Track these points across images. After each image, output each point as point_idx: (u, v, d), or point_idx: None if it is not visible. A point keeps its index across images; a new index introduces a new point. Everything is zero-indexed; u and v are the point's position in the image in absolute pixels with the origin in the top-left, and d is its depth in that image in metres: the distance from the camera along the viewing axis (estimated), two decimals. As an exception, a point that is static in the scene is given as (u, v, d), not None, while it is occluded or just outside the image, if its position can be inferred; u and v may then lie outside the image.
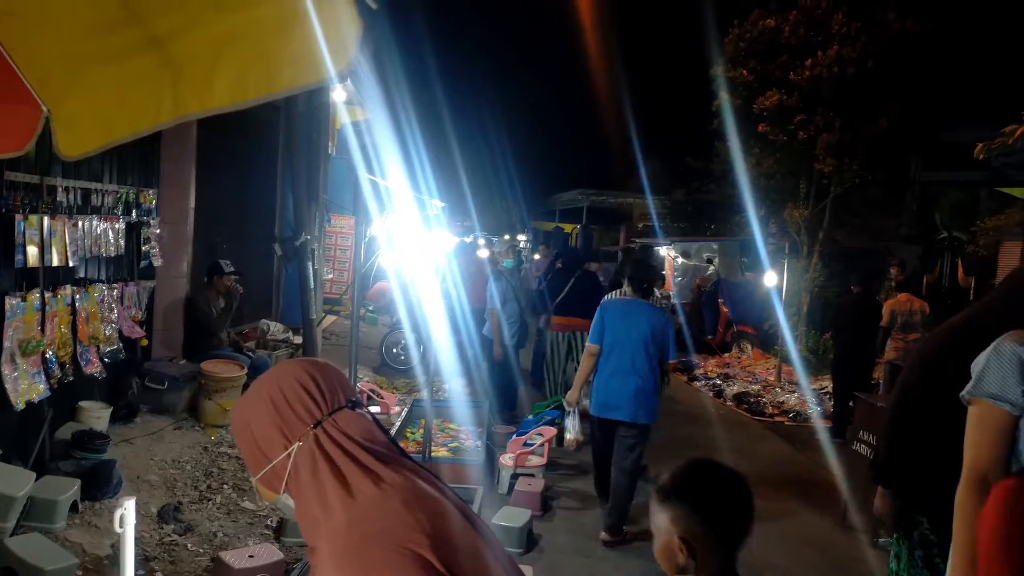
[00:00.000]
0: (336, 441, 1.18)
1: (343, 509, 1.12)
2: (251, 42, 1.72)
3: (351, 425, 1.21)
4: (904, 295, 8.19)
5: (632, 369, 4.73)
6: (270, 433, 1.21)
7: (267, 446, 1.21)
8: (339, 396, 1.24)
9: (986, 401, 1.95)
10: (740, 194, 12.14)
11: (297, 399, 1.21)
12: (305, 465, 1.17)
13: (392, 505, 1.11)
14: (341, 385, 1.27)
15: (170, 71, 1.83)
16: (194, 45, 1.79)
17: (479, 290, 8.55)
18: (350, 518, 1.10)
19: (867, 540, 5.01)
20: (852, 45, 10.53)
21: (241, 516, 4.52)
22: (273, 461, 1.20)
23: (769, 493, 6.02)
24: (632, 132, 18.95)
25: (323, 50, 1.52)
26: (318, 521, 1.14)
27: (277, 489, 1.22)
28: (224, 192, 7.51)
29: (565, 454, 6.53)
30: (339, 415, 1.22)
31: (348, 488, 1.14)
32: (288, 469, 1.19)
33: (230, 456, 5.29)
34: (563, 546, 4.72)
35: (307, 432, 1.19)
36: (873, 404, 5.19)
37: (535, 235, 28.10)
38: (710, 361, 11.94)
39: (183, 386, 5.66)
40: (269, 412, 1.21)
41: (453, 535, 1.12)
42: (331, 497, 1.14)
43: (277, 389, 1.23)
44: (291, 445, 1.19)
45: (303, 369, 1.26)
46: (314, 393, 1.22)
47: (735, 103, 11.66)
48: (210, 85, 1.78)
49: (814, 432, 7.85)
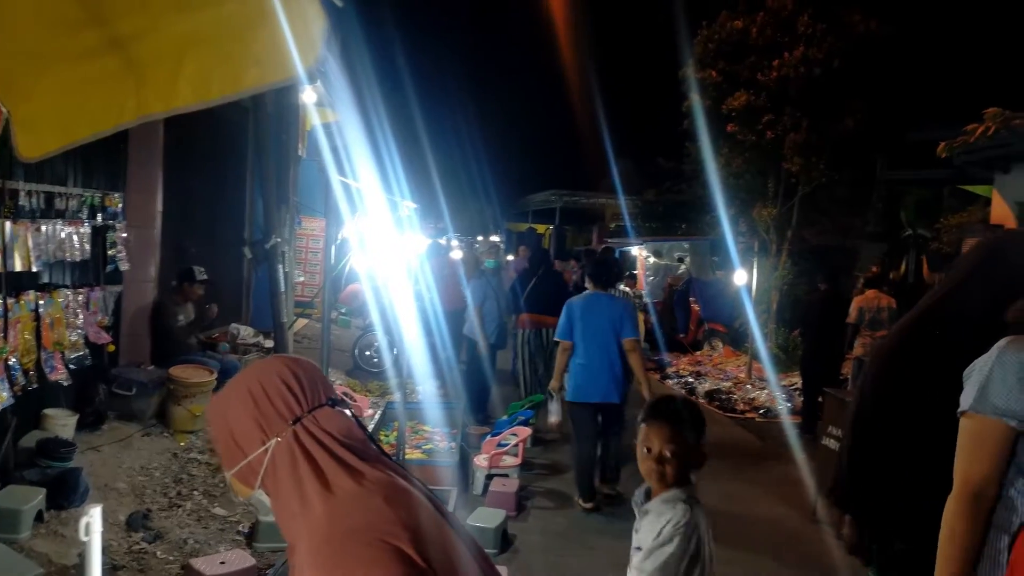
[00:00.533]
0: (316, 438, 1.17)
1: (323, 505, 1.11)
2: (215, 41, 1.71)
3: (331, 422, 1.20)
4: (872, 292, 8.32)
5: (603, 356, 5.29)
6: (248, 427, 1.19)
7: (244, 441, 1.19)
8: (320, 393, 1.23)
9: (990, 417, 1.76)
10: (710, 194, 12.27)
11: (278, 394, 1.20)
12: (284, 461, 1.16)
13: (373, 501, 1.10)
14: (322, 383, 1.26)
15: (133, 72, 1.81)
16: (157, 45, 1.77)
17: (452, 292, 8.55)
18: (330, 514, 1.10)
19: (836, 534, 5.08)
20: (818, 46, 10.69)
21: (212, 522, 4.47)
22: (250, 456, 1.18)
23: (740, 489, 6.09)
24: (604, 133, 19.06)
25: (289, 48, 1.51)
26: (297, 518, 1.13)
27: (252, 485, 1.20)
28: (193, 195, 7.41)
29: (540, 454, 6.57)
30: (319, 412, 1.21)
31: (328, 484, 1.13)
32: (265, 465, 1.17)
33: (200, 462, 5.22)
34: (538, 546, 4.73)
35: (286, 428, 1.18)
36: (841, 399, 5.27)
37: (508, 236, 28.11)
38: (682, 359, 12.05)
39: (151, 392, 5.58)
40: (248, 406, 1.20)
41: (432, 532, 1.12)
42: (310, 493, 1.13)
43: (258, 384, 1.21)
44: (269, 440, 1.18)
45: (284, 365, 1.25)
46: (295, 389, 1.21)
47: (705, 104, 11.77)
48: (174, 85, 1.76)
49: (784, 428, 7.95)
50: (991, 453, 1.77)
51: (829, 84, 10.73)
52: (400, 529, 1.07)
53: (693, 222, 17.39)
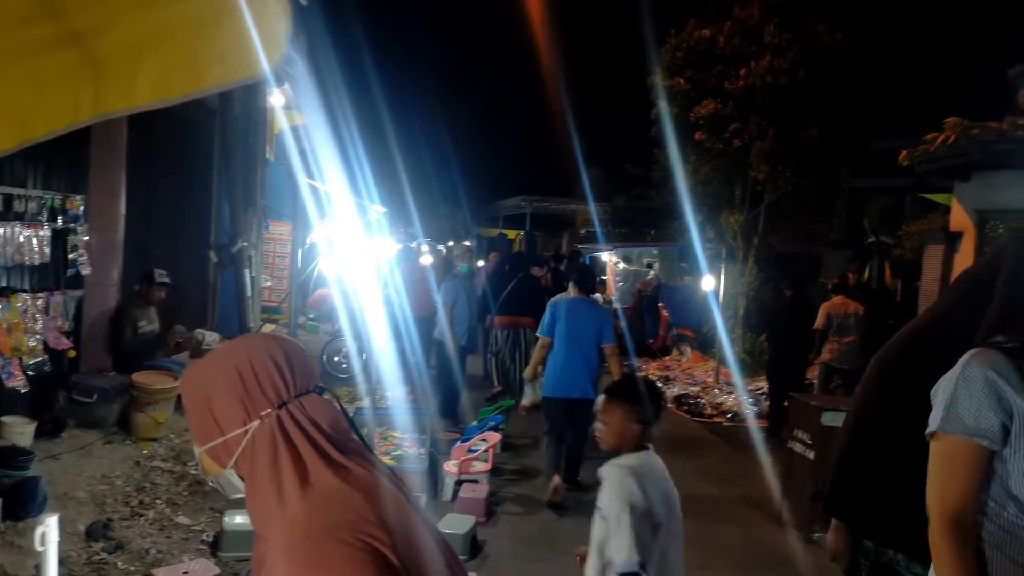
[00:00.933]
0: (300, 425, 1.13)
1: (300, 499, 1.07)
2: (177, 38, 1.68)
3: (317, 410, 1.16)
4: (839, 298, 8.44)
5: (581, 355, 5.60)
6: (230, 405, 1.14)
7: (224, 418, 1.14)
8: (309, 379, 1.19)
9: (961, 437, 1.65)
10: (679, 200, 12.40)
11: (266, 375, 1.15)
12: (265, 446, 1.12)
13: (354, 498, 1.07)
14: (311, 369, 1.22)
15: (91, 68, 1.76)
16: (117, 41, 1.73)
17: (423, 297, 8.50)
18: (308, 509, 1.06)
19: (802, 536, 5.15)
20: (784, 56, 10.87)
21: (175, 531, 4.38)
22: (227, 435, 1.14)
23: (708, 492, 6.14)
24: (574, 139, 19.16)
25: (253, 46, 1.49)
26: (272, 509, 1.09)
27: (224, 464, 1.16)
28: (157, 198, 7.28)
29: (510, 459, 6.56)
30: (307, 399, 1.16)
31: (307, 477, 1.09)
32: (242, 446, 1.13)
33: (163, 470, 5.12)
34: (507, 552, 4.72)
35: (271, 411, 1.13)
36: (807, 403, 5.34)
37: (479, 241, 28.06)
38: (651, 364, 12.13)
39: (113, 399, 5.46)
40: (233, 383, 1.14)
41: (411, 533, 1.10)
42: (288, 485, 1.08)
43: (247, 360, 1.16)
44: (251, 421, 1.13)
45: (277, 345, 1.20)
46: (284, 371, 1.16)
47: (673, 111, 11.90)
48: (133, 83, 1.72)
49: (751, 432, 8.04)
50: (965, 476, 1.66)
51: (794, 93, 10.91)
52: (378, 529, 1.04)
53: (662, 228, 17.56)
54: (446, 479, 5.58)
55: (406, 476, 5.17)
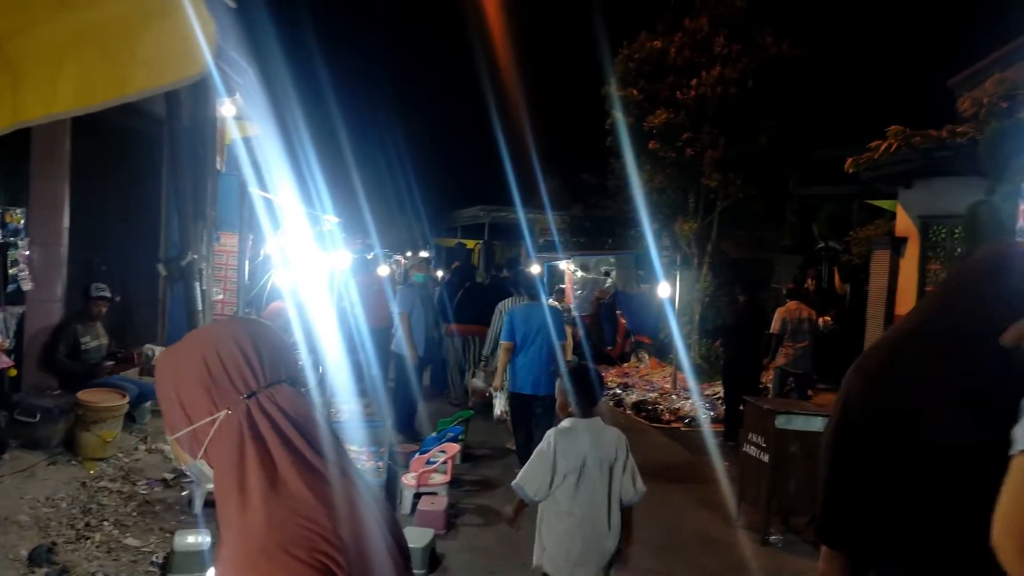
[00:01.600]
0: (270, 418, 1.09)
1: (263, 505, 1.03)
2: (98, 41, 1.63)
3: (289, 402, 1.12)
4: (794, 303, 8.61)
5: (542, 354, 6.07)
6: (196, 394, 1.10)
7: (191, 407, 1.11)
8: (280, 368, 1.14)
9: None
10: (634, 209, 12.57)
11: (233, 363, 1.11)
12: (231, 440, 1.08)
13: (318, 513, 1.04)
14: (284, 356, 1.17)
15: (9, 74, 1.70)
16: (35, 45, 1.66)
17: (379, 309, 8.43)
18: (269, 518, 1.02)
19: (758, 539, 5.22)
20: (733, 66, 11.10)
21: (124, 554, 4.24)
22: (195, 424, 1.10)
23: (665, 496, 6.19)
24: (531, 149, 19.26)
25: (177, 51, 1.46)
26: (232, 509, 1.05)
27: (195, 454, 1.12)
28: (103, 210, 7.11)
29: (469, 470, 6.53)
30: (278, 389, 1.12)
31: (274, 479, 1.05)
32: (210, 436, 1.09)
33: (111, 491, 4.97)
34: (467, 564, 4.68)
35: (239, 401, 1.10)
36: (760, 407, 5.43)
37: (437, 251, 28.00)
38: (610, 371, 12.21)
39: (58, 418, 5.29)
40: (199, 371, 1.11)
41: (370, 552, 1.08)
42: (252, 486, 1.04)
43: (213, 347, 1.12)
44: (218, 412, 1.09)
45: (245, 330, 1.16)
46: (252, 359, 1.12)
47: (627, 121, 12.05)
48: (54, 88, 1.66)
49: (707, 436, 8.14)
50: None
51: (744, 103, 11.15)
52: (336, 551, 1.01)
53: (619, 236, 17.73)
54: (404, 492, 5.52)
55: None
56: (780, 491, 5.15)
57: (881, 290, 9.95)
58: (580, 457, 3.11)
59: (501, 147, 17.31)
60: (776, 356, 8.48)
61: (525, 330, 6.17)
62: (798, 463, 5.09)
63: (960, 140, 7.66)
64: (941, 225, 9.31)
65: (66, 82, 1.64)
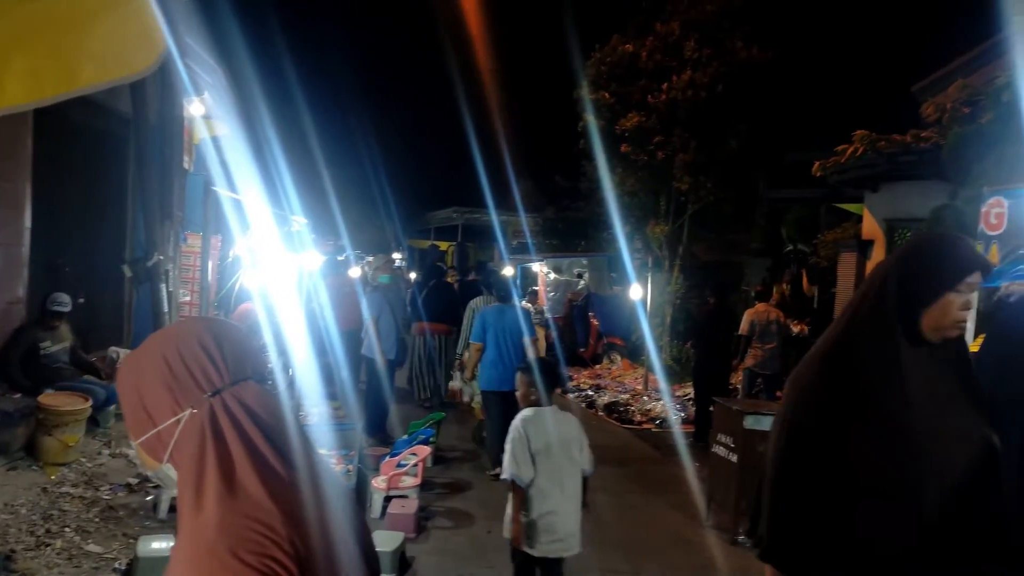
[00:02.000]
0: (234, 417, 1.07)
1: (217, 507, 1.01)
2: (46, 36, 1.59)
3: (256, 401, 1.09)
4: (762, 305, 8.70)
5: (512, 352, 6.42)
6: (159, 395, 1.08)
7: (155, 409, 1.09)
8: (245, 365, 1.12)
9: None
10: (607, 211, 12.62)
11: (196, 360, 1.09)
12: (192, 439, 1.06)
13: (273, 517, 1.02)
14: (249, 353, 1.15)
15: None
16: None
17: (351, 311, 8.36)
18: (221, 520, 1.00)
19: (728, 539, 5.26)
20: (704, 70, 11.21)
21: (85, 561, 4.16)
22: (160, 426, 1.08)
23: (636, 497, 6.23)
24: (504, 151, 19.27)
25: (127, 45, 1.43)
26: (187, 510, 1.03)
27: (160, 458, 1.10)
28: (67, 210, 6.97)
29: (440, 473, 6.51)
30: (243, 387, 1.10)
31: (232, 480, 1.03)
32: (175, 437, 1.07)
33: (73, 496, 4.87)
34: (437, 568, 4.66)
35: (203, 399, 1.07)
36: (729, 408, 5.48)
37: (410, 253, 27.89)
38: (583, 373, 12.25)
39: (18, 422, 5.16)
40: (162, 371, 1.08)
41: (332, 558, 1.06)
42: (208, 487, 1.03)
43: (174, 346, 1.10)
44: (182, 411, 1.07)
45: (207, 328, 1.14)
46: (215, 357, 1.10)
47: (599, 124, 12.11)
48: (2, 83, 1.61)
49: (678, 437, 8.19)
50: None
51: (714, 107, 11.26)
52: (288, 557, 1.00)
53: (592, 239, 17.79)
54: (374, 495, 5.49)
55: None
56: (749, 491, 5.19)
57: (848, 292, 10.11)
58: (546, 439, 3.52)
59: (474, 149, 17.29)
60: (744, 357, 8.57)
61: (496, 330, 6.48)
62: (766, 463, 5.14)
63: (924, 145, 7.80)
64: (906, 228, 9.48)
65: (13, 76, 1.60)
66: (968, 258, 1.79)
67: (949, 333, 1.76)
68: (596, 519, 5.57)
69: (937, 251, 1.83)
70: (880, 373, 1.76)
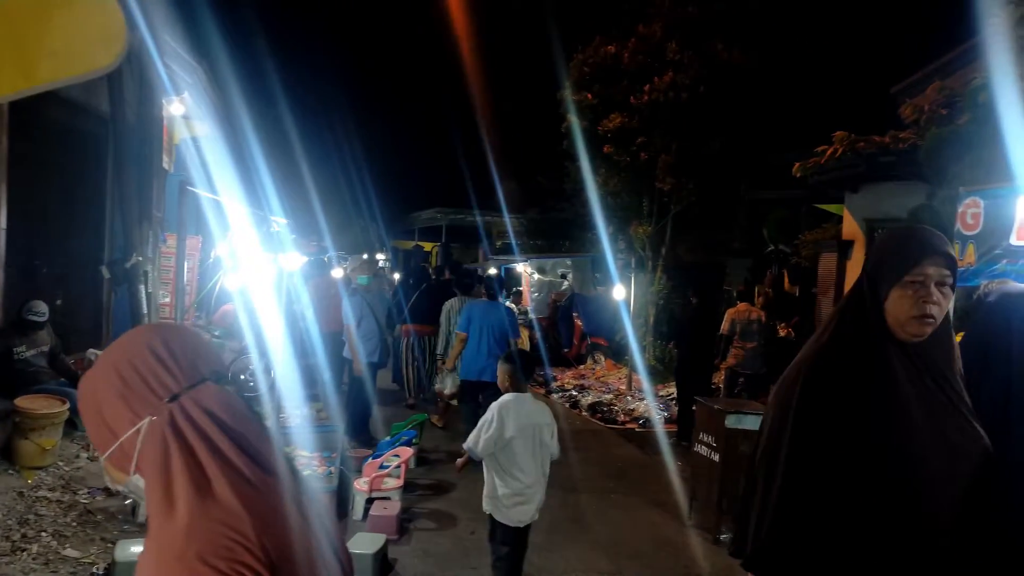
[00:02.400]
0: (195, 422, 1.06)
1: (187, 512, 1.00)
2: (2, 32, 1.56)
3: (216, 403, 1.08)
4: (743, 304, 8.76)
5: (494, 346, 6.85)
6: (116, 407, 1.07)
7: (115, 422, 1.08)
8: (200, 366, 1.11)
9: None
10: (590, 212, 12.65)
11: (147, 367, 1.08)
12: (155, 447, 1.05)
13: (243, 523, 1.00)
14: (204, 354, 1.14)
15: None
16: None
17: (334, 312, 8.31)
18: (191, 525, 0.99)
19: (710, 538, 5.29)
20: (685, 72, 11.26)
21: (62, 565, 4.11)
22: (121, 438, 1.07)
23: (619, 496, 6.24)
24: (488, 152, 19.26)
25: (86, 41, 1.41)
26: (158, 517, 1.02)
27: (127, 470, 1.09)
28: (44, 211, 6.88)
29: (424, 474, 6.48)
30: (201, 389, 1.09)
31: (200, 485, 1.02)
32: (138, 447, 1.06)
33: (50, 500, 4.80)
34: (419, 569, 4.64)
35: (161, 406, 1.06)
36: (710, 407, 5.50)
37: (394, 253, 27.81)
38: (567, 373, 12.25)
39: (-7, 426, 5.09)
40: (114, 383, 1.08)
41: (305, 563, 1.05)
42: (180, 492, 1.01)
43: (124, 357, 1.09)
44: (140, 421, 1.06)
45: (156, 333, 1.13)
46: (167, 361, 1.09)
47: (582, 125, 12.13)
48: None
49: (661, 437, 8.22)
50: None
51: (696, 108, 11.32)
52: (259, 563, 0.99)
53: (575, 239, 17.82)
54: (356, 497, 5.46)
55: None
56: (731, 490, 5.22)
57: (829, 292, 10.19)
58: (522, 423, 3.90)
59: (458, 149, 17.28)
60: (726, 356, 8.62)
61: (481, 324, 6.96)
62: (748, 463, 5.16)
63: (902, 146, 7.87)
64: (886, 229, 9.57)
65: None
66: (915, 250, 1.72)
67: (911, 328, 1.70)
68: (579, 519, 5.59)
69: (889, 245, 1.80)
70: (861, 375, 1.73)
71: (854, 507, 1.67)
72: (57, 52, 1.50)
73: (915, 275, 1.70)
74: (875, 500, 1.67)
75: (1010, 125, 4.83)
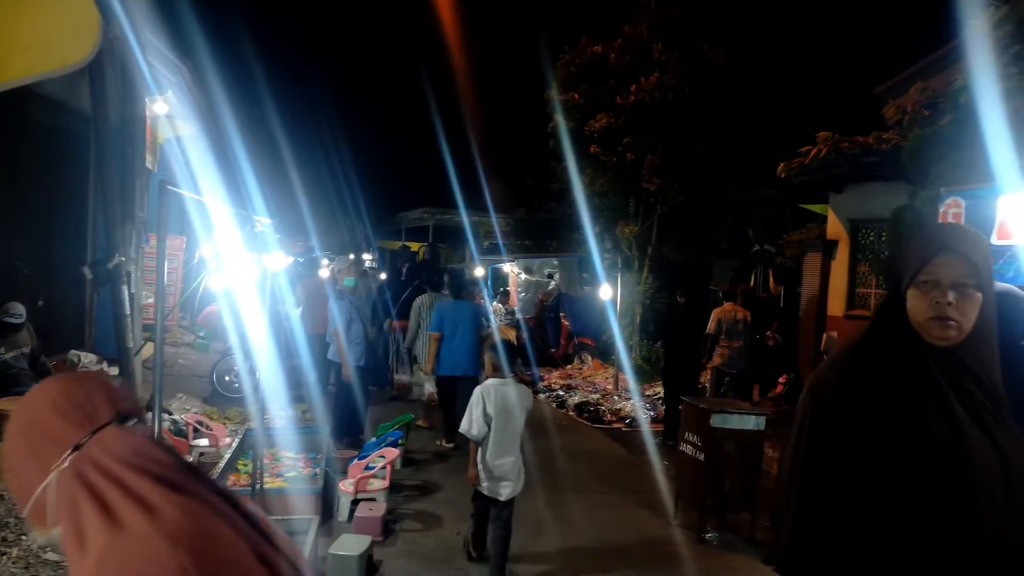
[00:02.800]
0: (99, 465, 1.07)
1: (97, 548, 1.01)
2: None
3: (118, 444, 1.09)
4: (729, 304, 8.78)
5: (466, 342, 7.16)
6: (24, 463, 1.10)
7: (28, 481, 1.10)
8: (100, 412, 1.12)
9: None
10: (577, 212, 12.66)
11: (48, 423, 1.10)
12: (65, 496, 1.06)
13: (157, 549, 1.00)
14: (106, 398, 1.14)
15: None
16: None
17: (322, 313, 8.25)
18: (101, 557, 1.00)
19: (695, 537, 5.30)
20: (671, 72, 11.29)
21: (43, 569, 4.06)
22: (34, 494, 1.09)
23: (605, 495, 6.25)
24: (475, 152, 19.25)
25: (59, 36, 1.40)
26: (74, 559, 1.03)
27: (46, 523, 1.10)
28: (25, 211, 6.80)
29: (410, 475, 6.47)
30: (104, 434, 1.10)
31: (113, 520, 1.02)
32: (51, 502, 1.07)
33: (31, 503, 4.75)
34: (404, 570, 4.63)
35: (64, 458, 1.07)
36: (696, 407, 5.52)
37: (381, 254, 27.73)
38: (554, 373, 12.26)
39: (-28, 429, 5.02)
40: (21, 440, 1.10)
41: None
42: (90, 532, 1.02)
43: (25, 414, 1.12)
44: (48, 475, 1.07)
45: (55, 387, 1.15)
46: (67, 412, 1.10)
47: (569, 125, 12.14)
48: None
49: (648, 436, 8.24)
50: None
51: (682, 109, 11.36)
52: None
53: (562, 239, 17.84)
54: (342, 498, 5.44)
55: (297, 498, 5.00)
56: (715, 489, 5.24)
57: (814, 291, 10.26)
58: (504, 406, 4.31)
59: (445, 149, 17.26)
60: (712, 356, 8.65)
61: (453, 322, 7.20)
62: (732, 462, 5.20)
63: (886, 146, 7.94)
64: (869, 228, 9.64)
65: None
66: (927, 248, 1.67)
67: (931, 331, 1.64)
68: (565, 518, 5.59)
69: (911, 242, 1.76)
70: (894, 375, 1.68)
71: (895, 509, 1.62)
72: (30, 47, 1.49)
73: (927, 275, 1.65)
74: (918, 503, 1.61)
75: (990, 126, 4.89)
